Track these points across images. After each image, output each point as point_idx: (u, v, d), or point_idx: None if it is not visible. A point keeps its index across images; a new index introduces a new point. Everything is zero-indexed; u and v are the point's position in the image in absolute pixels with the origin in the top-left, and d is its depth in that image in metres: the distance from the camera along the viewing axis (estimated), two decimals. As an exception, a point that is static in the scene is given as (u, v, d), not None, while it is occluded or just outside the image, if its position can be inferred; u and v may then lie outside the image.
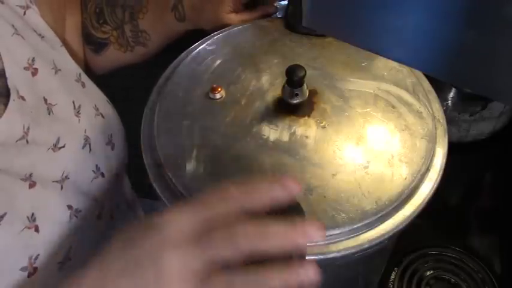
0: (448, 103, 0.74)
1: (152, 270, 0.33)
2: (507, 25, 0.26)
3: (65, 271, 0.49)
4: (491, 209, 0.76)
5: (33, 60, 0.51)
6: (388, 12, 0.30)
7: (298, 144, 0.47)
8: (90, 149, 0.55)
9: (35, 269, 0.45)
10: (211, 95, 0.51)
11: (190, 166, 0.46)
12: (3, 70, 0.47)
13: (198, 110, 0.51)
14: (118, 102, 0.63)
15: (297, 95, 0.48)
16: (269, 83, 0.52)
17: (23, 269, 0.44)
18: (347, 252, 0.41)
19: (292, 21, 0.59)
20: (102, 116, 0.59)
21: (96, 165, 0.55)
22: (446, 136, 0.49)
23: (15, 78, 0.47)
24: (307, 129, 0.48)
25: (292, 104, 0.48)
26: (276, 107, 0.50)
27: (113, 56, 0.70)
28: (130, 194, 0.70)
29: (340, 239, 0.42)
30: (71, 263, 0.50)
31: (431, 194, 0.45)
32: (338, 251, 0.41)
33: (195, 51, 0.58)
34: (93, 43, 0.68)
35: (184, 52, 0.58)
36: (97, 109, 0.58)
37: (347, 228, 0.42)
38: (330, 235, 0.41)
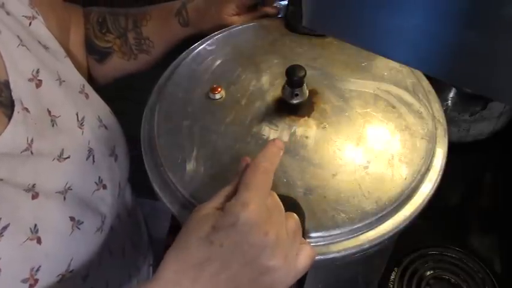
0: (448, 103, 0.74)
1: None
2: (507, 25, 0.26)
3: (65, 283, 0.48)
4: (491, 209, 0.76)
5: (37, 71, 0.50)
6: (388, 13, 0.30)
7: (298, 144, 0.47)
8: (94, 161, 0.55)
9: (36, 280, 0.45)
10: (211, 95, 0.51)
11: (190, 166, 0.46)
12: (8, 82, 0.47)
13: (198, 110, 0.51)
14: (118, 102, 0.63)
15: (297, 95, 0.48)
16: (269, 83, 0.52)
17: (24, 280, 0.44)
18: (347, 252, 0.41)
19: (292, 21, 0.59)
20: (106, 128, 0.59)
21: (99, 177, 0.55)
22: (447, 136, 0.49)
23: (20, 89, 0.47)
24: (307, 129, 0.48)
25: (292, 104, 0.48)
26: (276, 107, 0.50)
27: (116, 65, 0.70)
28: (130, 202, 0.70)
29: (340, 239, 0.42)
30: (72, 275, 0.49)
31: (431, 194, 0.45)
32: (338, 251, 0.41)
33: (195, 51, 0.58)
34: (96, 53, 0.68)
35: (185, 52, 0.58)
36: (100, 120, 0.58)
37: (347, 229, 0.42)
38: (330, 235, 0.41)
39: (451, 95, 0.73)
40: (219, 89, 0.51)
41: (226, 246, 0.35)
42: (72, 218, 0.49)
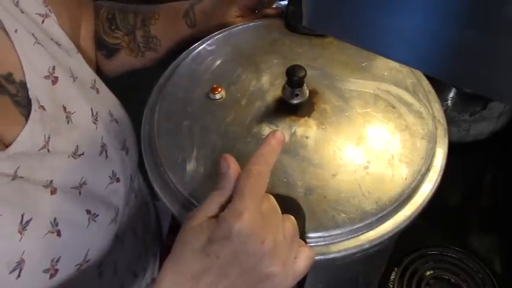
0: (448, 103, 0.74)
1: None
2: (507, 25, 0.26)
3: (82, 272, 0.50)
4: (491, 209, 0.76)
5: (53, 69, 0.51)
6: (388, 12, 0.30)
7: (298, 144, 0.47)
8: (107, 156, 0.56)
9: (56, 271, 0.47)
10: (211, 95, 0.51)
11: (190, 166, 0.46)
12: (24, 82, 0.47)
13: (198, 110, 0.51)
14: (122, 102, 0.64)
15: (297, 95, 0.48)
16: (269, 83, 0.52)
17: (45, 271, 0.46)
18: (347, 252, 0.41)
19: (292, 21, 0.59)
20: (116, 121, 0.59)
21: (112, 171, 0.56)
22: (447, 136, 0.49)
23: (36, 88, 0.48)
24: (307, 129, 0.48)
25: (293, 104, 0.48)
26: (276, 107, 0.50)
27: (123, 61, 0.71)
28: (138, 185, 0.70)
29: (341, 239, 0.41)
30: (88, 264, 0.51)
31: (431, 194, 0.45)
32: (338, 251, 0.41)
33: (195, 51, 0.58)
34: (105, 48, 0.69)
35: (185, 52, 0.58)
36: (111, 115, 0.59)
37: (347, 229, 0.41)
38: (330, 235, 0.41)
39: (451, 95, 0.73)
40: (219, 89, 0.51)
41: (223, 257, 0.35)
42: (88, 211, 0.51)
